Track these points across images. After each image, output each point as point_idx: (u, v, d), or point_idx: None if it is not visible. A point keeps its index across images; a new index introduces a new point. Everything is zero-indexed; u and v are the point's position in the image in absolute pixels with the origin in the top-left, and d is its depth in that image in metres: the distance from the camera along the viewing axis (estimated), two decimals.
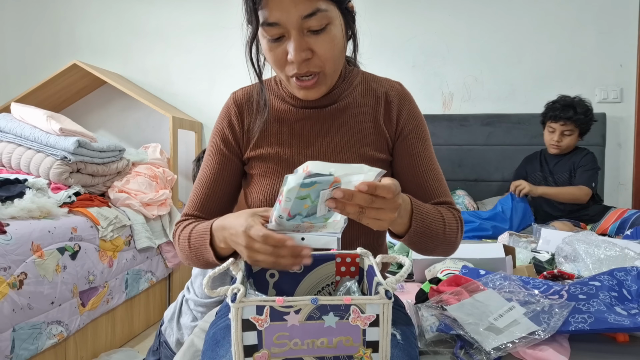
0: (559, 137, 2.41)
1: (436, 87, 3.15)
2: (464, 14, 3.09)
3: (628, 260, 1.28)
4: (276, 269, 0.80)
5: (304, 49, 0.84)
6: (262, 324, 0.61)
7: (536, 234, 1.89)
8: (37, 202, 1.96)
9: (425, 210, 0.87)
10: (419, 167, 0.97)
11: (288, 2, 0.80)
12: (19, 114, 2.47)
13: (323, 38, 0.85)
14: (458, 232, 0.94)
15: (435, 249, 0.91)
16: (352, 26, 0.93)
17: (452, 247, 0.95)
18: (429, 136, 1.02)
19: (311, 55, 0.86)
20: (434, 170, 0.98)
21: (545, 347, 0.86)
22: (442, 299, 1.03)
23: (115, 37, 3.43)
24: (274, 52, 0.87)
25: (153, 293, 2.71)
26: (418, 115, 1.01)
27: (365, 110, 0.98)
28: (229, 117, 1.01)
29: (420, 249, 0.91)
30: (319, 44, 0.85)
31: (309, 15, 0.81)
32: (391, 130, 0.99)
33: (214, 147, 1.01)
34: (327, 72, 0.89)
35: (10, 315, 1.64)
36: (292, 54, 0.84)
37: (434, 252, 0.93)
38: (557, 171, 2.49)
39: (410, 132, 0.98)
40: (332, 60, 0.88)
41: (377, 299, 0.61)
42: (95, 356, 2.19)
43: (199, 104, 3.36)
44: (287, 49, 0.85)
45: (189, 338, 1.21)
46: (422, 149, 0.98)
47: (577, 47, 2.97)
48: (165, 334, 1.63)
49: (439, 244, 0.90)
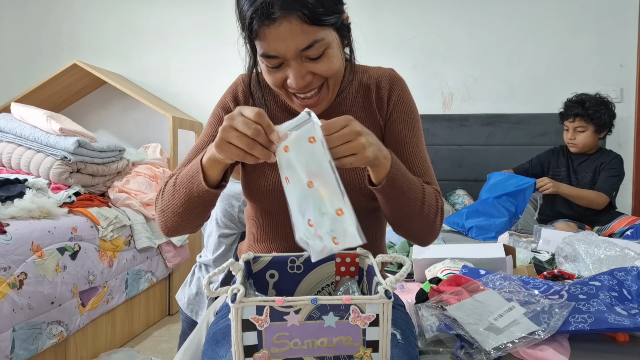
0: (572, 134, 2.37)
1: (436, 87, 3.15)
2: (464, 14, 3.09)
3: (628, 260, 1.28)
4: (240, 157, 0.72)
5: (304, 75, 0.85)
6: (262, 324, 0.61)
7: (536, 234, 1.89)
8: (37, 202, 1.97)
9: (405, 168, 0.84)
10: (404, 153, 0.94)
11: (285, 36, 0.79)
12: (19, 114, 2.47)
13: (322, 62, 0.85)
14: (437, 213, 0.89)
15: (413, 218, 0.86)
16: (348, 36, 0.92)
17: (430, 229, 0.90)
18: (418, 124, 0.99)
19: (311, 78, 0.86)
20: (421, 157, 0.95)
21: (545, 347, 0.86)
22: (442, 298, 1.03)
23: (115, 37, 3.43)
24: (274, 76, 0.87)
25: (153, 293, 2.71)
26: (408, 101, 0.98)
27: (358, 101, 0.98)
28: (235, 93, 1.00)
29: (397, 212, 0.85)
30: (318, 67, 0.85)
31: (307, 48, 0.81)
32: (382, 114, 0.98)
33: (214, 118, 1.00)
34: (330, 86, 0.90)
35: (10, 315, 1.64)
36: (293, 82, 0.84)
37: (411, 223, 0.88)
38: (581, 171, 2.43)
39: (399, 118, 0.96)
40: (333, 77, 0.88)
41: (376, 298, 0.61)
42: (95, 356, 2.19)
43: (199, 104, 3.36)
44: (287, 74, 0.85)
45: (191, 336, 1.21)
46: (410, 136, 0.95)
47: (577, 47, 2.97)
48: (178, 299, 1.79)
49: (417, 214, 0.86)
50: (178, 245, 2.85)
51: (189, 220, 0.88)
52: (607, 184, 2.33)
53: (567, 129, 2.40)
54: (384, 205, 0.85)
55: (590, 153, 2.43)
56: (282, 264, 0.83)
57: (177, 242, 2.83)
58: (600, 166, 2.38)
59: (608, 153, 2.43)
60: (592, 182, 2.39)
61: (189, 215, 0.87)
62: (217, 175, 0.82)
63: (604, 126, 2.35)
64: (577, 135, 2.37)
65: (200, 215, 0.88)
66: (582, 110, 2.31)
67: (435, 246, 1.50)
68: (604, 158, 2.40)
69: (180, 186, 0.85)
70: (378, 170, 0.79)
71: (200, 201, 0.84)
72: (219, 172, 0.82)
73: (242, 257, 0.80)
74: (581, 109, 2.31)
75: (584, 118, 2.32)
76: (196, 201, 0.84)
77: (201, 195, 0.83)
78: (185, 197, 0.85)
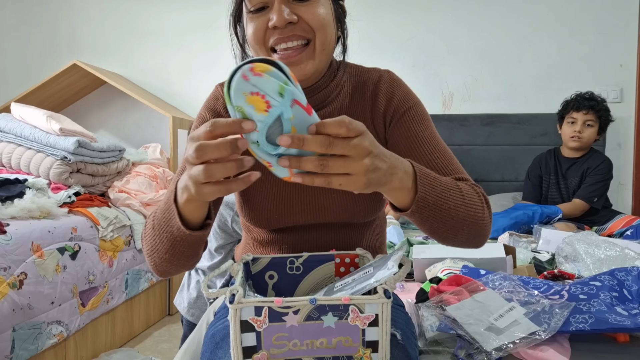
0: (580, 127, 2.35)
1: (436, 87, 3.14)
2: (464, 14, 3.08)
3: (628, 260, 1.28)
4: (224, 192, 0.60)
5: (288, 12, 0.75)
6: (260, 324, 0.61)
7: (536, 234, 1.89)
8: (37, 202, 1.96)
9: (432, 175, 0.70)
10: (419, 148, 0.83)
11: None
12: (19, 114, 2.47)
13: (310, 4, 0.77)
14: (484, 209, 0.76)
15: (458, 228, 0.73)
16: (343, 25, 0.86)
17: (481, 230, 0.76)
18: (428, 117, 0.89)
19: (296, 20, 0.76)
20: (439, 149, 0.84)
21: (545, 347, 0.86)
22: (442, 298, 1.02)
23: (115, 37, 3.43)
24: (255, 22, 0.78)
25: (153, 293, 2.70)
26: (412, 97, 0.89)
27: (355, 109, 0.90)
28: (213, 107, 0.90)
29: (438, 229, 0.72)
30: (305, 9, 0.76)
31: None
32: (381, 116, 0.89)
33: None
34: (316, 43, 0.78)
35: (10, 315, 1.64)
36: (275, 16, 0.75)
37: (458, 233, 0.74)
38: (570, 175, 2.43)
39: (405, 114, 0.87)
40: (321, 29, 0.78)
41: (376, 298, 0.61)
42: (95, 356, 2.18)
43: (199, 104, 3.35)
44: (270, 17, 0.76)
45: (191, 335, 1.21)
46: (421, 129, 0.85)
47: (577, 47, 2.96)
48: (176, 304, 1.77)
49: (461, 221, 0.72)
50: None
51: (179, 264, 0.77)
52: (587, 191, 2.34)
53: (574, 121, 2.37)
54: (421, 225, 0.73)
55: (579, 156, 2.43)
56: (281, 265, 0.82)
57: None
58: (587, 171, 2.39)
59: (597, 156, 2.42)
60: (579, 186, 2.40)
61: (179, 260, 0.75)
62: (198, 215, 0.69)
63: (606, 126, 2.39)
64: (585, 129, 2.36)
65: (191, 256, 0.76)
66: (596, 104, 2.33)
67: (435, 246, 1.50)
68: (592, 162, 2.40)
69: (159, 230, 0.73)
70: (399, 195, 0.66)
71: (187, 244, 0.72)
72: (200, 211, 0.69)
73: (241, 258, 0.79)
74: (595, 103, 2.33)
75: (597, 113, 2.34)
76: (182, 245, 0.72)
77: (184, 238, 0.71)
78: (168, 243, 0.73)
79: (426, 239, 1.81)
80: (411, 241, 1.68)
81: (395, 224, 2.21)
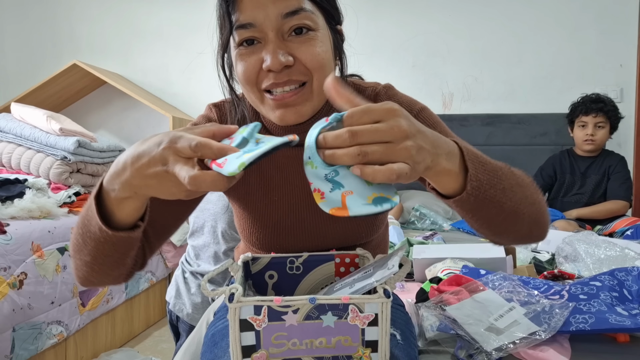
0: (592, 130, 2.34)
1: (436, 87, 3.14)
2: (464, 14, 3.09)
3: (628, 260, 1.28)
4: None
5: (283, 53, 0.68)
6: (260, 324, 0.61)
7: None
8: (37, 202, 1.97)
9: (480, 154, 0.62)
10: None
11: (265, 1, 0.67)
12: (19, 114, 2.47)
13: (308, 43, 0.69)
14: (538, 190, 0.69)
15: (518, 214, 0.64)
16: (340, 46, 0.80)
17: (542, 215, 0.68)
18: (440, 119, 0.83)
19: (292, 62, 0.69)
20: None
21: (546, 347, 0.86)
22: (442, 298, 1.02)
23: (115, 37, 3.43)
24: (245, 61, 0.70)
25: (153, 293, 2.70)
26: (416, 103, 0.83)
27: None
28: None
29: (498, 216, 0.63)
30: (302, 49, 0.69)
31: (291, 14, 0.67)
32: None
33: None
34: (314, 84, 0.71)
35: (10, 315, 1.64)
36: (269, 59, 0.67)
37: (518, 220, 0.65)
38: (591, 173, 2.41)
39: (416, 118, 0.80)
40: (320, 70, 0.70)
41: (375, 298, 0.61)
42: (95, 356, 2.18)
43: (199, 104, 3.36)
44: (263, 58, 0.69)
45: (190, 336, 1.21)
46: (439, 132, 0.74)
47: (577, 47, 2.97)
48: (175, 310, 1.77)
49: (520, 204, 0.63)
50: (178, 245, 2.85)
51: (101, 271, 0.66)
52: (621, 190, 2.33)
53: (585, 124, 2.36)
54: (475, 213, 0.63)
55: (595, 155, 2.42)
56: (281, 265, 0.82)
57: (177, 242, 2.83)
58: (608, 169, 2.37)
59: (612, 155, 2.42)
60: (598, 185, 2.38)
61: (102, 265, 0.65)
62: (132, 212, 0.60)
63: (616, 126, 2.38)
64: (597, 131, 2.35)
65: (118, 264, 0.66)
66: (604, 106, 2.32)
67: (435, 246, 1.50)
68: (610, 161, 2.39)
69: (79, 227, 0.63)
70: (446, 180, 0.58)
71: (113, 248, 0.62)
72: (138, 207, 0.60)
73: (241, 258, 0.79)
74: (604, 105, 2.32)
75: (607, 114, 2.33)
76: (107, 248, 0.62)
77: (108, 239, 0.60)
78: (92, 243, 0.62)
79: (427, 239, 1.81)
80: (411, 241, 1.68)
81: (395, 224, 2.21)
